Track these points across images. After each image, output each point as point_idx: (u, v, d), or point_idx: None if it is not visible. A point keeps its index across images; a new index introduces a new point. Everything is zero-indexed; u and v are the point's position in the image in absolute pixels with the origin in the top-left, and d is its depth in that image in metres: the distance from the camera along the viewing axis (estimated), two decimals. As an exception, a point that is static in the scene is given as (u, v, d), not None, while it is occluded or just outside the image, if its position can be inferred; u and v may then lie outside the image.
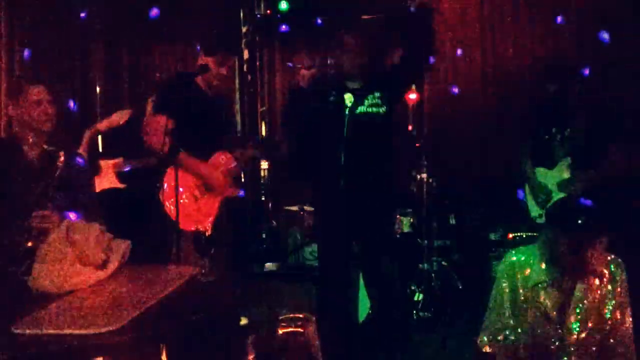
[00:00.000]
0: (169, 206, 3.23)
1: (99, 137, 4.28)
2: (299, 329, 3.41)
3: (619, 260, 2.52)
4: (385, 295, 3.26)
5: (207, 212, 3.39)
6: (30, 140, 2.81)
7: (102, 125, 4.18)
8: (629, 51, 4.71)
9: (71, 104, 4.65)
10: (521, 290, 2.50)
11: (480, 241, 4.63)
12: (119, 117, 4.24)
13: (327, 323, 3.37)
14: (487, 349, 2.54)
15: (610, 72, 4.75)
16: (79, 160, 3.03)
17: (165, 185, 3.30)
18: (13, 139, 2.85)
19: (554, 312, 2.45)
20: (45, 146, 2.85)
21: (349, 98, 3.21)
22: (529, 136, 4.22)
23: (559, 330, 2.44)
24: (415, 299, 4.40)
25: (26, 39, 4.54)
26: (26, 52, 4.60)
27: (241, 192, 4.25)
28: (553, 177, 4.10)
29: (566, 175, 4.04)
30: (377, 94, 3.20)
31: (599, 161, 3.92)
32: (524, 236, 4.23)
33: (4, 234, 2.59)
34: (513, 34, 5.03)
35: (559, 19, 4.86)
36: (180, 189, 3.25)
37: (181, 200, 3.17)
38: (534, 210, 4.16)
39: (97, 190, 3.71)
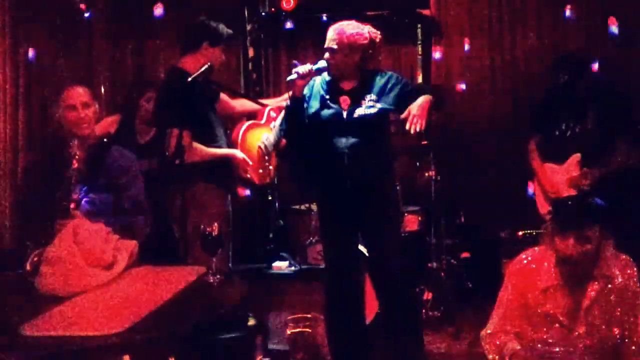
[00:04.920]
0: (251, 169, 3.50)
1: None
2: (307, 329, 3.40)
3: (631, 260, 2.47)
4: (394, 294, 3.23)
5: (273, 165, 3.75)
6: (74, 142, 2.80)
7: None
8: (637, 44, 4.66)
9: None
10: (530, 294, 2.46)
11: (490, 239, 4.59)
12: (108, 125, 4.21)
13: (335, 323, 3.35)
14: (493, 354, 2.49)
15: (619, 66, 4.71)
16: (122, 158, 2.97)
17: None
18: (60, 140, 2.87)
19: (564, 317, 2.41)
20: (91, 144, 2.85)
21: (345, 101, 3.18)
22: (539, 131, 4.19)
23: (569, 335, 2.39)
24: (425, 297, 4.38)
25: (30, 42, 4.54)
26: (31, 53, 4.59)
27: (248, 192, 4.23)
28: (562, 173, 4.07)
29: (576, 171, 4.00)
30: (373, 95, 3.16)
31: (609, 157, 3.89)
32: (534, 234, 4.18)
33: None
34: (521, 28, 4.99)
35: (567, 12, 4.81)
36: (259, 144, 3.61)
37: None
38: (543, 207, 4.12)
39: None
